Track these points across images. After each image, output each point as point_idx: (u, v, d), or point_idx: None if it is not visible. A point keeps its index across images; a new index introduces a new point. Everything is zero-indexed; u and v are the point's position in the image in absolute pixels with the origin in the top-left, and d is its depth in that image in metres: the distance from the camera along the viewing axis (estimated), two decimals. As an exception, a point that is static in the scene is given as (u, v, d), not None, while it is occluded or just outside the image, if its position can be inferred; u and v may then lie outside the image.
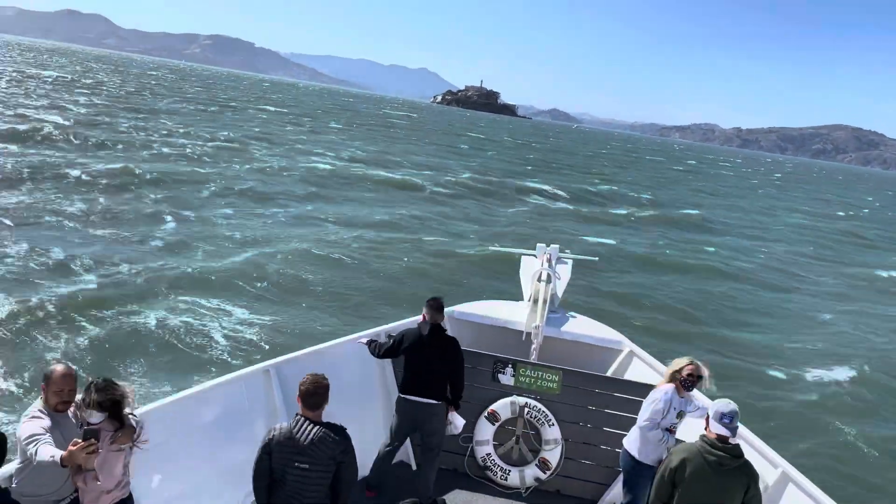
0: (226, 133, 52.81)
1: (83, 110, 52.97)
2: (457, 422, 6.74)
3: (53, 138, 35.87)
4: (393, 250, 22.12)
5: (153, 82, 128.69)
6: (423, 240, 24.56)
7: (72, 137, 36.95)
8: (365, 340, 6.96)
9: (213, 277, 16.88)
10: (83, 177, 27.04)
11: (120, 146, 37.01)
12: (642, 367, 8.11)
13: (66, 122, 43.17)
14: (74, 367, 4.52)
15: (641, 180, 70.84)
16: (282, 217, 25.85)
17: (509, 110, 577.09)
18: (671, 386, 5.91)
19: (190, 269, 17.09)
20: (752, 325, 19.91)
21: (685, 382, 5.87)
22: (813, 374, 16.32)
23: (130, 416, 4.29)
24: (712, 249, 32.29)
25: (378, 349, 6.73)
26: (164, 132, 47.11)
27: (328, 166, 41.26)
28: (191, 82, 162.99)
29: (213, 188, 29.27)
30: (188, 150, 39.53)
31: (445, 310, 8.86)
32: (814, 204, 76.07)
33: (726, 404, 4.63)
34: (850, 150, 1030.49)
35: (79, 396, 4.26)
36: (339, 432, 4.64)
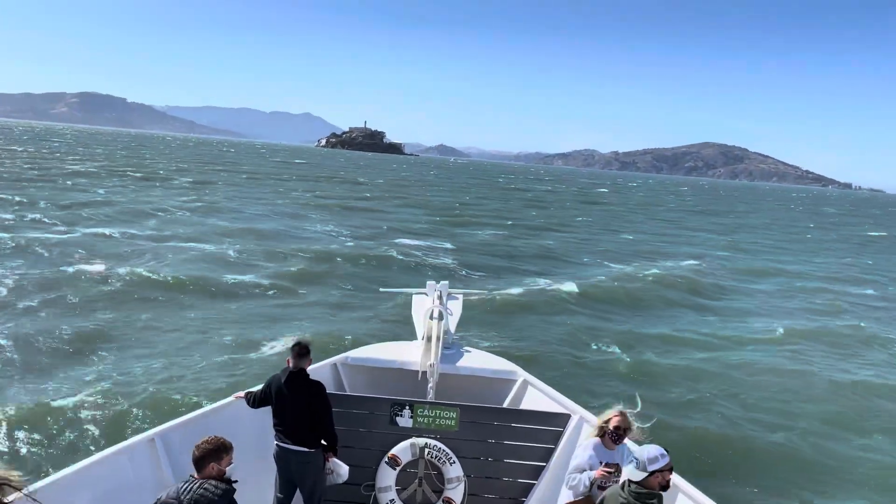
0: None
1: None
2: (339, 470, 6.56)
3: None
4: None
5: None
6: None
7: None
8: (243, 394, 6.84)
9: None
10: None
11: None
12: (537, 396, 8.18)
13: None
14: None
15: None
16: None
17: (395, 149, 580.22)
18: (595, 441, 5.81)
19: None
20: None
21: (612, 435, 5.78)
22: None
23: None
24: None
25: (252, 399, 6.68)
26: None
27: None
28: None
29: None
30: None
31: (339, 356, 8.77)
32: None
33: (641, 449, 4.68)
34: (719, 166, 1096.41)
35: None
36: (224, 487, 4.45)
